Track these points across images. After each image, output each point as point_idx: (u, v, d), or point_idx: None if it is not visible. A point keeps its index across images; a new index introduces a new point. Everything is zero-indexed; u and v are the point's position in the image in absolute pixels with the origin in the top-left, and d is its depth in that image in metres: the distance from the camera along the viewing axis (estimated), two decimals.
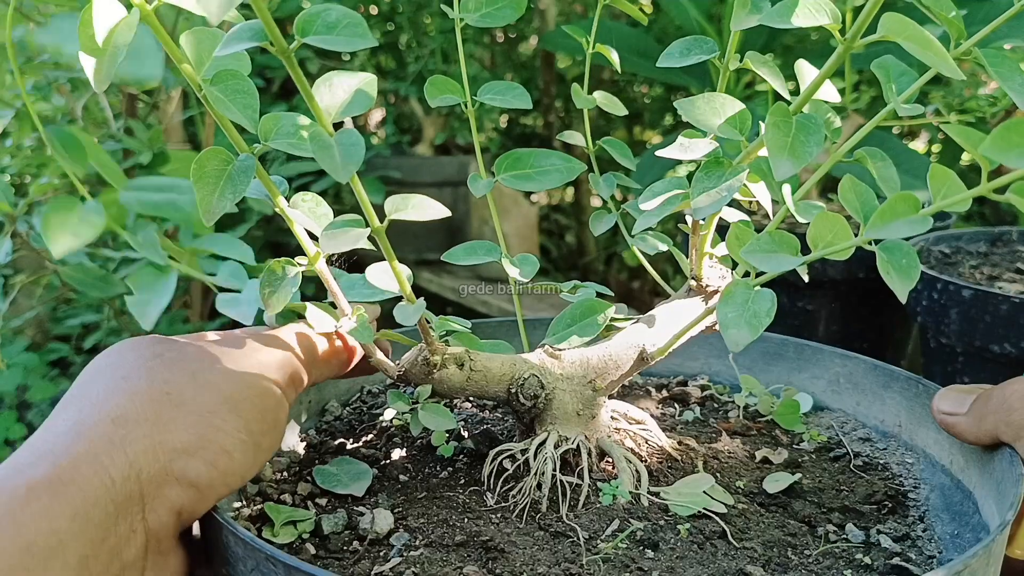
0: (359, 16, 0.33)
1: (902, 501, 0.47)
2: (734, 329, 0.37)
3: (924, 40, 0.35)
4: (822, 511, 0.45)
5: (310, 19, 0.34)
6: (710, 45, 0.45)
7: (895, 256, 0.36)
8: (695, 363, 0.65)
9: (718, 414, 0.58)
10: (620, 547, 0.41)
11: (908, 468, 0.50)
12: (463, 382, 0.46)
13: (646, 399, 0.60)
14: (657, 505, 0.44)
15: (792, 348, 0.60)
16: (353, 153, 0.34)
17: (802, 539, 0.43)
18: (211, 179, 0.37)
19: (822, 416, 0.57)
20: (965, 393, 0.46)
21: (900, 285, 0.36)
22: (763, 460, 0.51)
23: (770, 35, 1.35)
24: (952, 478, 0.47)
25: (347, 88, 0.38)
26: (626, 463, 0.46)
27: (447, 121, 2.18)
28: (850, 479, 0.49)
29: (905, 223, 0.35)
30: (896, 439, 0.53)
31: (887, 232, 0.35)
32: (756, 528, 0.43)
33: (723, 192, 0.39)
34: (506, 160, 0.49)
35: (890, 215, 0.35)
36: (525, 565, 0.39)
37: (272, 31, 0.32)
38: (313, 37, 0.34)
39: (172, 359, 0.40)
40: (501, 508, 0.44)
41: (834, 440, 0.54)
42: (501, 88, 0.51)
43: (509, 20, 0.49)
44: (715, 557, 0.40)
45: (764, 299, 0.38)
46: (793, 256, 0.39)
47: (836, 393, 0.58)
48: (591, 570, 0.39)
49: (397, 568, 0.39)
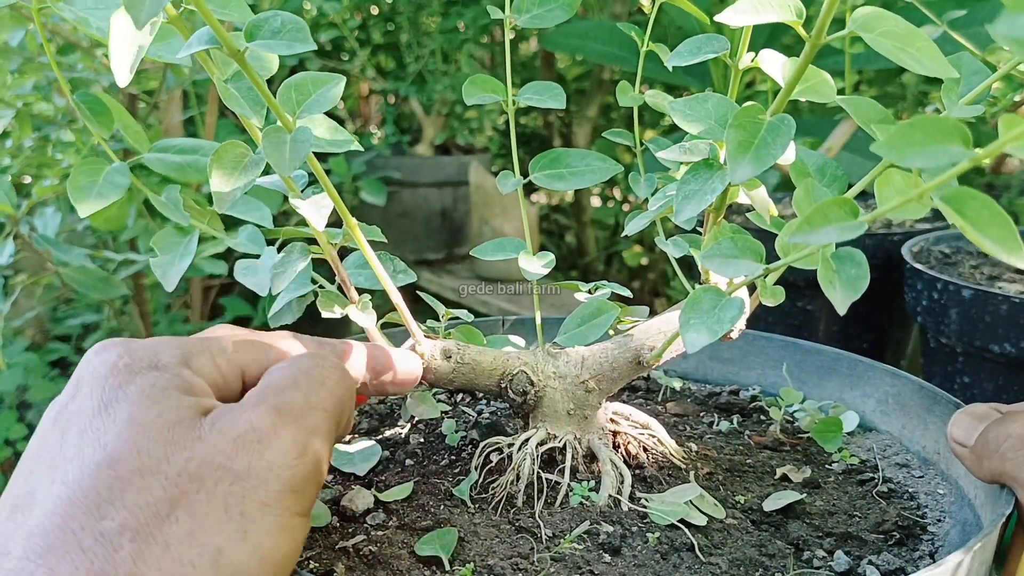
0: (302, 21, 0.36)
1: (916, 533, 0.44)
2: (693, 333, 0.37)
3: (903, 36, 0.34)
4: (818, 535, 0.44)
5: (258, 25, 0.36)
6: (721, 43, 0.44)
7: (845, 266, 0.34)
8: (751, 373, 0.64)
9: (758, 426, 0.57)
10: (577, 548, 0.41)
11: (937, 500, 0.48)
12: (449, 373, 0.47)
13: (688, 404, 0.60)
14: (637, 511, 0.44)
15: (845, 363, 0.59)
16: (301, 149, 0.37)
17: (779, 561, 0.41)
18: (228, 169, 0.39)
19: (868, 437, 0.55)
20: (977, 419, 0.44)
21: (842, 297, 0.33)
22: (782, 477, 0.49)
23: (770, 35, 1.35)
24: (975, 514, 0.45)
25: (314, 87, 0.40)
26: (611, 466, 0.46)
27: (447, 121, 2.18)
28: (867, 505, 0.47)
29: (836, 228, 0.32)
30: (935, 467, 0.51)
31: (815, 237, 0.32)
32: (732, 545, 0.42)
33: (705, 194, 0.39)
34: (543, 159, 0.49)
35: (821, 220, 0.32)
36: (478, 555, 0.40)
37: (222, 36, 0.35)
38: (259, 42, 0.36)
39: None
40: (481, 499, 0.46)
41: (869, 463, 0.52)
42: (540, 88, 0.51)
43: (559, 20, 0.49)
44: (675, 569, 0.40)
45: (732, 307, 0.37)
46: (757, 263, 0.37)
47: (884, 414, 0.56)
48: (540, 568, 0.39)
49: (358, 544, 0.41)
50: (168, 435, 0.32)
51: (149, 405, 0.33)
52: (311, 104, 0.39)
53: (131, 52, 0.35)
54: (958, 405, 0.48)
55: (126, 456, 0.31)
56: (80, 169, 0.43)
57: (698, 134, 0.41)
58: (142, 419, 0.33)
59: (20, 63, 1.09)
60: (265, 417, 0.34)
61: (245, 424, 0.33)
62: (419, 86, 2.10)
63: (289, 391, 0.36)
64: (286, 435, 0.34)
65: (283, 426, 0.34)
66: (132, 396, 0.34)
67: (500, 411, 0.57)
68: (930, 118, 0.28)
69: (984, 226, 0.28)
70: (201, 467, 0.32)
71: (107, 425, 0.33)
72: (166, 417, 0.33)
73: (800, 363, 0.61)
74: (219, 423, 0.33)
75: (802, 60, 0.37)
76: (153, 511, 0.30)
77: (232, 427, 0.33)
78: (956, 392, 0.81)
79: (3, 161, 1.20)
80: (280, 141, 0.37)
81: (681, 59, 0.44)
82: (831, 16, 0.34)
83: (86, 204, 0.43)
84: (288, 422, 0.34)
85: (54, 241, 1.04)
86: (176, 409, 0.33)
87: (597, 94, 2.13)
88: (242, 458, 0.32)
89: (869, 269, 0.33)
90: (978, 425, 0.43)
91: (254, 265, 0.48)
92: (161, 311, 1.84)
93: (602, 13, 1.98)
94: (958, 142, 0.28)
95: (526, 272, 0.50)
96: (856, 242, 0.32)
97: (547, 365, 0.47)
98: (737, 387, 0.64)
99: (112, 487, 0.31)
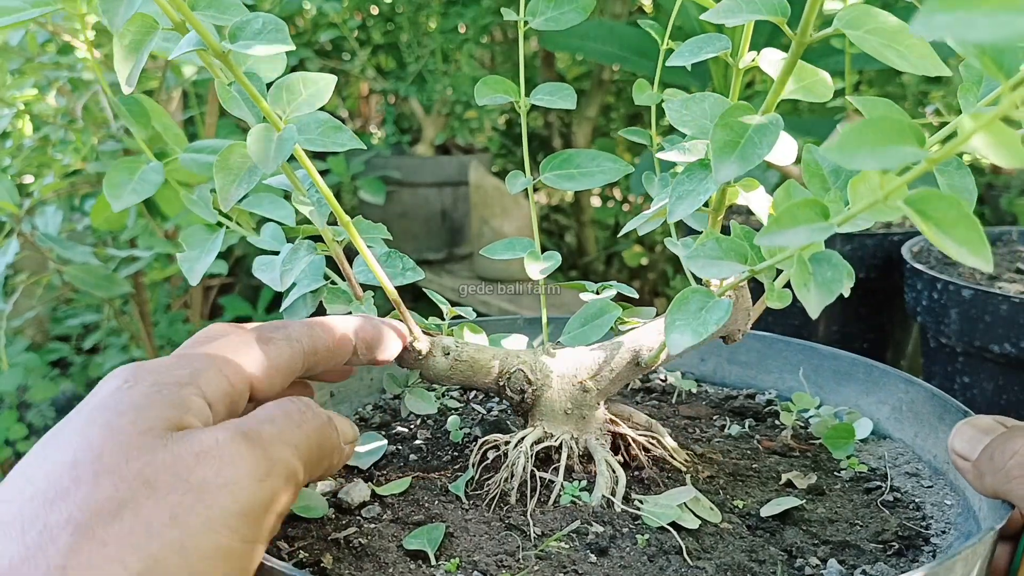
0: (282, 23, 0.37)
1: (918, 544, 0.43)
2: (676, 334, 0.37)
3: (891, 33, 0.33)
4: (813, 543, 0.43)
5: (241, 26, 0.37)
6: (723, 42, 0.43)
7: (821, 267, 0.33)
8: (768, 376, 0.64)
9: (770, 431, 0.57)
10: (564, 548, 0.41)
11: (944, 511, 0.47)
12: (447, 370, 0.47)
13: (702, 407, 0.60)
14: (630, 513, 0.44)
15: (862, 369, 0.59)
16: (284, 147, 0.38)
17: (769, 567, 0.40)
18: (233, 171, 0.40)
19: (881, 445, 0.55)
20: (981, 432, 0.43)
21: (816, 300, 0.33)
22: (787, 483, 0.49)
23: (770, 35, 1.35)
24: (978, 526, 0.44)
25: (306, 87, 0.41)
26: (606, 466, 0.46)
27: (447, 121, 2.18)
28: (870, 514, 0.46)
29: (806, 230, 0.31)
30: (944, 477, 0.50)
31: (784, 239, 0.32)
32: (722, 549, 0.42)
33: (698, 194, 0.39)
34: (555, 159, 0.50)
35: (790, 221, 0.32)
36: (465, 551, 0.41)
37: (206, 38, 0.36)
38: (241, 43, 0.37)
39: None
40: (476, 496, 0.46)
41: (879, 471, 0.51)
42: (551, 89, 0.51)
43: (573, 23, 0.49)
44: (661, 572, 0.39)
45: (719, 308, 0.37)
46: (740, 264, 0.37)
47: (898, 421, 0.55)
48: (524, 565, 0.39)
49: (349, 536, 0.42)
50: (134, 441, 0.33)
51: (125, 413, 0.34)
52: (301, 104, 0.40)
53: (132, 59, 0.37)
54: (967, 413, 0.48)
55: (88, 457, 0.32)
56: (118, 167, 0.46)
57: (691, 134, 0.41)
58: (114, 425, 0.33)
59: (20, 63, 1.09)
60: (232, 438, 0.34)
61: (211, 440, 0.33)
62: (419, 86, 2.09)
63: (263, 424, 0.36)
64: (249, 457, 0.34)
65: (248, 449, 0.34)
66: (115, 406, 0.34)
67: (507, 409, 0.57)
68: (885, 118, 0.27)
69: (949, 227, 0.27)
70: (157, 472, 0.32)
71: (84, 431, 0.33)
72: (138, 425, 0.33)
73: (817, 368, 0.61)
74: (188, 437, 0.33)
75: (789, 58, 0.37)
76: (99, 508, 0.30)
77: (197, 442, 0.33)
78: (956, 392, 0.81)
79: (3, 161, 1.20)
80: (267, 139, 0.38)
81: (682, 59, 0.44)
82: (815, 13, 0.33)
83: (121, 199, 0.46)
84: (254, 447, 0.34)
85: (57, 239, 1.04)
86: (151, 419, 0.33)
87: (597, 94, 2.13)
88: (200, 471, 0.32)
89: (867, 270, 0.33)
90: (982, 438, 0.42)
91: (272, 261, 0.49)
92: (161, 311, 1.84)
93: (602, 14, 1.98)
94: (912, 143, 0.27)
95: (531, 272, 0.50)
96: (857, 242, 0.31)
97: (545, 364, 0.47)
98: (753, 391, 0.63)
99: (68, 484, 0.31)
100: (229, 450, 0.33)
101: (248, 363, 0.39)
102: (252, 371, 0.39)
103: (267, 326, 0.42)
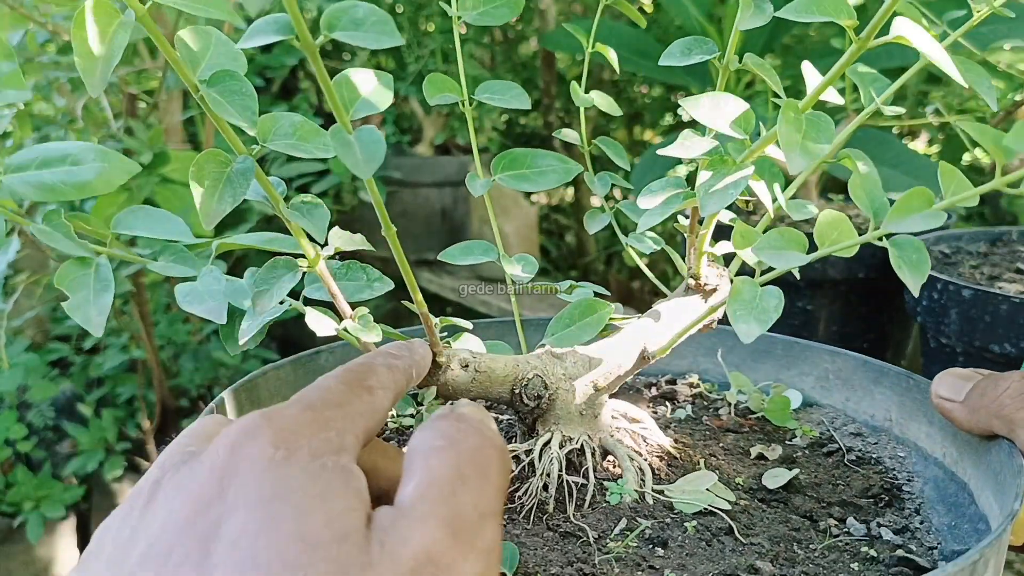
0: (386, 14, 0.33)
1: (897, 494, 0.48)
2: (743, 324, 0.38)
3: (933, 45, 0.36)
4: (822, 505, 0.46)
5: (337, 14, 0.33)
6: (710, 46, 0.45)
7: (906, 251, 0.37)
8: (683, 361, 0.65)
9: (709, 412, 0.59)
10: (631, 546, 0.41)
11: (901, 462, 0.51)
12: (468, 383, 0.45)
13: (636, 398, 0.61)
14: (662, 503, 0.44)
15: (780, 345, 0.61)
16: (374, 150, 0.33)
17: (806, 533, 0.43)
18: (210, 182, 0.35)
19: (812, 412, 0.58)
20: (963, 379, 0.46)
21: (912, 279, 0.37)
22: (758, 456, 0.51)
23: (770, 35, 1.35)
24: (945, 470, 0.48)
25: (366, 85, 0.37)
26: (630, 462, 0.46)
27: (447, 121, 2.18)
28: (845, 473, 0.50)
29: (920, 217, 0.36)
30: (887, 433, 0.54)
31: (904, 226, 0.36)
32: (761, 524, 0.44)
33: (729, 189, 0.40)
34: (504, 160, 0.49)
35: (905, 210, 0.37)
36: (538, 566, 0.40)
37: (299, 25, 0.31)
38: (340, 32, 0.32)
39: None
40: (507, 509, 0.44)
41: (826, 435, 0.55)
42: (499, 87, 0.50)
43: (507, 19, 0.49)
44: (724, 553, 0.41)
45: (771, 296, 0.39)
46: (801, 252, 0.39)
47: (825, 389, 0.59)
48: (604, 569, 0.39)
49: None
50: (336, 554, 0.26)
51: (313, 510, 0.27)
52: (366, 104, 0.36)
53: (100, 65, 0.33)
54: (908, 375, 0.52)
55: None
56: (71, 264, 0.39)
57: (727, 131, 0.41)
58: (309, 534, 0.26)
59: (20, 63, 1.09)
60: (441, 541, 0.27)
61: (419, 548, 0.27)
62: (419, 86, 2.09)
63: (459, 494, 0.29)
64: (466, 569, 0.27)
65: (461, 555, 0.28)
66: (296, 500, 0.27)
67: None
68: None
69: None
70: None
71: (271, 539, 0.26)
72: (334, 529, 0.27)
73: (732, 348, 0.63)
74: (388, 544, 0.27)
75: (845, 60, 0.38)
76: None
77: (404, 551, 0.27)
78: None
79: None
80: (347, 142, 0.33)
81: (672, 59, 0.45)
82: (884, 21, 0.35)
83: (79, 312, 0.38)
84: (466, 547, 0.28)
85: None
86: (343, 517, 0.27)
87: None
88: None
89: (867, 270, 0.35)
90: (964, 384, 0.46)
91: (196, 289, 0.41)
92: (161, 311, 1.84)
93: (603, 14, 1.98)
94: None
95: (514, 276, 0.50)
96: None
97: (556, 367, 0.47)
98: (672, 376, 0.64)
99: None
100: (446, 563, 0.27)
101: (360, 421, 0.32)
102: (367, 425, 0.32)
103: (359, 372, 0.35)
